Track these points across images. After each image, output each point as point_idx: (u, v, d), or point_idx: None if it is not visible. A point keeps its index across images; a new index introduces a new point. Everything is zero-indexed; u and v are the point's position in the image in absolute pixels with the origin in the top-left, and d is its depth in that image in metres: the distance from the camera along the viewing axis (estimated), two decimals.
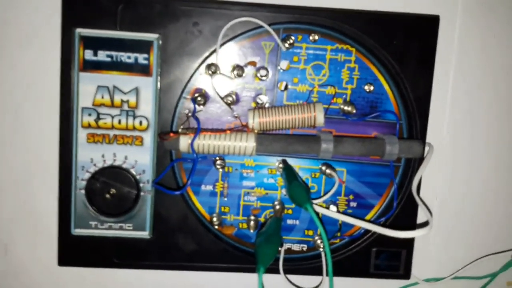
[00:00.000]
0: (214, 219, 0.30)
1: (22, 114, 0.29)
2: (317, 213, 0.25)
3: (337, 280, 0.30)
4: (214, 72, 0.28)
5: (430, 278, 0.34)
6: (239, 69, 0.28)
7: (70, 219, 0.28)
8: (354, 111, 0.29)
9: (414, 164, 0.30)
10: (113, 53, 0.27)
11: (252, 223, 0.30)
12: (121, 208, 0.28)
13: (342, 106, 0.29)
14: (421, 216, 0.31)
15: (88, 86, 0.28)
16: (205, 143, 0.27)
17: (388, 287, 0.33)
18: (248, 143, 0.27)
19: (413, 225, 0.31)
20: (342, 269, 0.31)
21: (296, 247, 0.31)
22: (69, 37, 0.27)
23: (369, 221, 0.29)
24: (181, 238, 0.30)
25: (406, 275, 0.31)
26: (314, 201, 0.29)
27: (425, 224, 0.29)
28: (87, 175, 0.28)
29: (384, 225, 0.30)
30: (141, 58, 0.28)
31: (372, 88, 0.29)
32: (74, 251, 0.29)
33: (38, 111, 0.29)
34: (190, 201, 0.30)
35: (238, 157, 0.29)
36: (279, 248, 0.29)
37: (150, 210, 0.29)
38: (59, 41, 0.27)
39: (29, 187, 0.30)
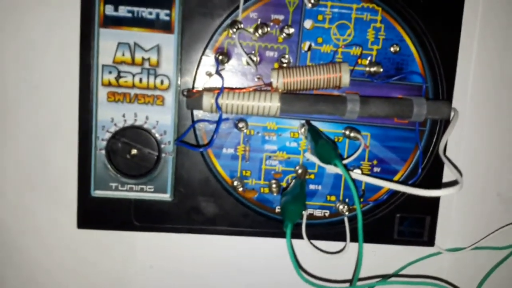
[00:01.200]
0: (236, 183, 0.29)
1: (40, 72, 0.29)
2: (347, 169, 0.25)
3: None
4: (237, 30, 0.27)
5: (451, 248, 0.33)
6: (262, 27, 0.28)
7: (90, 180, 0.28)
8: (381, 70, 0.28)
9: (440, 128, 0.29)
10: (134, 9, 0.27)
11: (274, 187, 0.29)
12: (142, 169, 0.28)
13: (367, 68, 0.28)
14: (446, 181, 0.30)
15: (108, 42, 0.27)
16: (228, 102, 0.27)
17: (410, 256, 0.33)
18: (272, 103, 0.27)
19: None
20: (365, 235, 0.30)
21: (318, 212, 0.30)
22: None
23: (397, 181, 0.29)
24: (203, 202, 0.29)
25: (430, 242, 0.31)
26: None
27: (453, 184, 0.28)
28: (107, 135, 0.28)
29: None
30: (163, 14, 0.27)
31: (398, 49, 0.29)
32: (94, 214, 0.29)
33: (56, 69, 0.29)
34: (211, 164, 0.29)
35: (260, 120, 0.29)
36: (303, 211, 0.29)
37: (172, 172, 0.28)
38: None
39: (48, 147, 0.29)
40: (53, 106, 0.29)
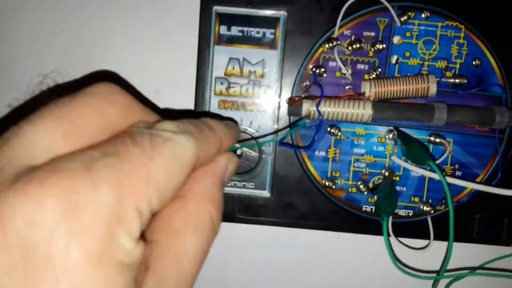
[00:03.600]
0: (326, 182, 0.32)
1: (161, 82, 0.33)
2: (440, 169, 0.27)
3: (441, 244, 0.32)
4: (334, 45, 0.31)
5: None
6: (355, 43, 0.31)
7: None
8: (465, 81, 0.31)
9: None
10: (244, 28, 0.31)
11: (361, 187, 0.32)
12: (245, 168, 0.32)
13: (452, 79, 0.31)
14: None
15: (221, 58, 0.31)
16: (326, 109, 0.30)
17: (485, 255, 0.35)
18: (366, 110, 0.30)
19: None
20: (447, 234, 0.32)
21: (402, 212, 0.33)
22: (208, 14, 0.31)
23: (480, 182, 0.31)
24: (297, 198, 0.33)
25: (508, 241, 0.33)
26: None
27: None
28: None
29: (487, 193, 0.32)
30: (268, 33, 0.31)
31: (479, 63, 0.31)
32: None
33: (176, 79, 0.33)
34: (304, 165, 0.32)
35: (350, 126, 0.32)
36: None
37: (270, 172, 0.32)
38: (197, 17, 0.31)
39: None
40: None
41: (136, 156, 0.13)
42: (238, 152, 0.32)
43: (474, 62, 0.31)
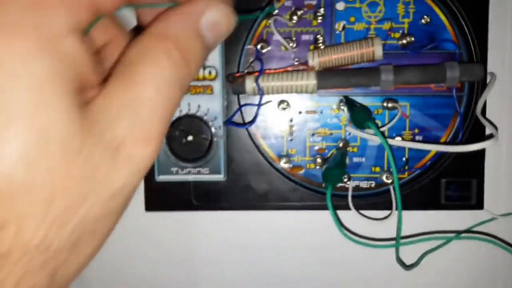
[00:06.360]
0: (282, 160, 0.31)
1: None
2: (382, 133, 0.26)
3: (409, 213, 0.31)
4: (274, 20, 0.30)
5: (505, 213, 0.33)
6: (296, 14, 0.30)
7: (154, 167, 0.31)
8: (412, 39, 0.30)
9: (477, 92, 0.30)
10: None
11: (319, 162, 0.31)
12: (197, 153, 0.31)
13: (400, 41, 0.30)
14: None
15: None
16: (268, 84, 0.29)
17: (463, 223, 0.33)
18: (309, 81, 0.29)
19: (481, 153, 0.31)
20: (412, 202, 0.31)
21: (364, 184, 0.32)
22: None
23: (438, 143, 0.30)
24: (253, 180, 0.32)
25: (479, 205, 0.31)
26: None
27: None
28: None
29: (451, 155, 0.30)
30: None
31: (428, 20, 0.30)
32: (159, 197, 0.32)
33: None
34: (259, 145, 0.31)
35: (301, 100, 0.31)
36: (346, 180, 0.31)
37: (224, 155, 0.31)
38: None
39: None
40: None
41: None
42: (189, 138, 0.31)
43: (423, 20, 0.30)
